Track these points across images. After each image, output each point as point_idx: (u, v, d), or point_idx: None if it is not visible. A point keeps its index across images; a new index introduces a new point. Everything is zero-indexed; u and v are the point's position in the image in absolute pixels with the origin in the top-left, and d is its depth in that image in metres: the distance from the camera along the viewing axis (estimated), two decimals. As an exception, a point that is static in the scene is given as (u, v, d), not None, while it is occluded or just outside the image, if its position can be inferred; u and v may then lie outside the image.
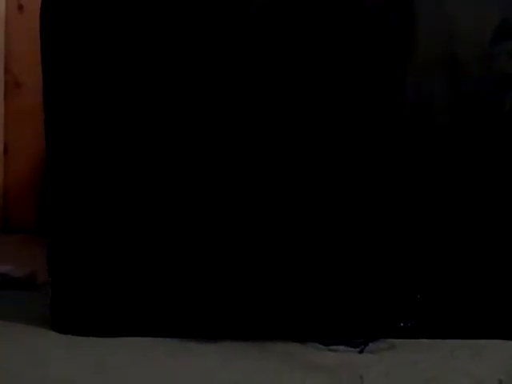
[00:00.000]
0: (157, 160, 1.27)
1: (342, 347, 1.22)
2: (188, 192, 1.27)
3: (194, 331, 1.26)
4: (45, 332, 1.29)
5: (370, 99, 1.27)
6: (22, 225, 2.77)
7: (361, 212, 1.27)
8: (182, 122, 1.27)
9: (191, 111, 1.27)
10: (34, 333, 1.29)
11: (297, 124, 1.26)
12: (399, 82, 1.27)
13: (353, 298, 1.26)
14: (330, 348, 1.22)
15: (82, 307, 1.29)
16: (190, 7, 1.26)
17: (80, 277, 1.29)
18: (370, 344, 1.22)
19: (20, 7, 2.77)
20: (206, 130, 1.26)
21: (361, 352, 1.21)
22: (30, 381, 1.08)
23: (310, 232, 1.26)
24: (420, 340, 1.27)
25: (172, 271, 1.27)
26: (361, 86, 1.26)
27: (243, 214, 1.26)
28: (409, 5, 1.27)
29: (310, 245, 1.26)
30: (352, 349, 1.21)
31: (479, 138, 1.30)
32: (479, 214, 1.29)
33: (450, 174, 1.29)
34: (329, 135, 1.26)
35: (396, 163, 1.27)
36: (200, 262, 1.27)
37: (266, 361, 1.17)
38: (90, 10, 1.27)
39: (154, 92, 1.26)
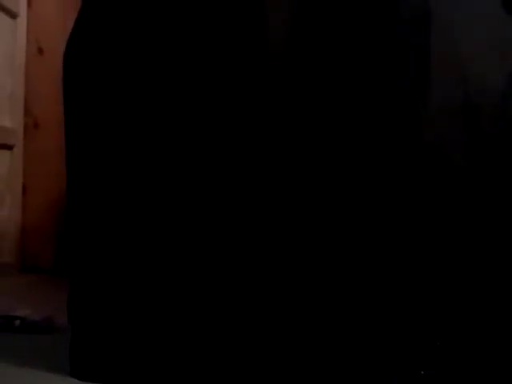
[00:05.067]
0: (182, 205, 1.27)
1: (362, 395, 1.21)
2: (212, 244, 1.27)
3: (210, 380, 1.26)
4: (63, 378, 1.28)
5: (386, 140, 1.27)
6: (39, 265, 2.78)
7: (381, 257, 1.27)
8: (205, 153, 1.27)
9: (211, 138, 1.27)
10: (53, 379, 1.29)
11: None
12: (416, 125, 1.28)
13: (373, 345, 1.25)
14: (349, 396, 1.21)
15: (102, 355, 1.28)
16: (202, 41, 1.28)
17: (100, 324, 1.29)
18: (391, 392, 1.21)
19: (40, 50, 2.82)
20: (222, 147, 1.27)
21: (381, 400, 1.20)
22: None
23: (328, 277, 1.26)
24: (440, 387, 1.26)
25: (192, 320, 1.27)
26: (378, 128, 1.27)
27: (260, 256, 1.26)
28: (425, 49, 1.29)
29: (328, 290, 1.26)
30: (372, 397, 1.20)
31: (493, 181, 1.30)
32: (500, 260, 1.29)
33: (466, 217, 1.29)
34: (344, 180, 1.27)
35: (415, 213, 1.28)
36: (215, 311, 1.26)
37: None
38: (112, 53, 1.29)
39: (175, 133, 1.27)
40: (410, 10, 1.28)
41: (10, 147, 2.76)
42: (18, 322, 1.66)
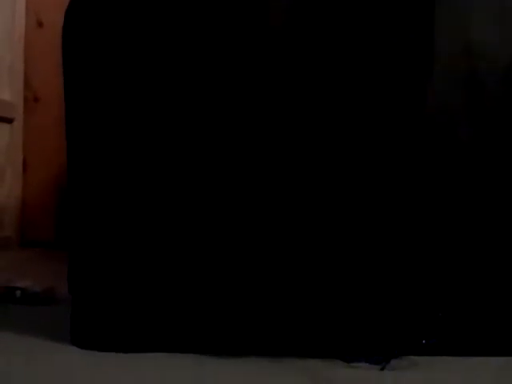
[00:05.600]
0: (180, 181, 1.27)
1: (363, 364, 1.21)
2: (212, 217, 1.26)
3: (212, 346, 1.26)
4: (65, 347, 1.29)
5: (391, 113, 1.27)
6: (39, 239, 2.78)
7: (383, 230, 1.26)
8: (207, 141, 1.27)
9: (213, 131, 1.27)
10: (54, 347, 1.29)
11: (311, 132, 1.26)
12: (419, 96, 1.27)
13: (374, 315, 1.26)
14: (351, 364, 1.21)
15: (102, 323, 1.28)
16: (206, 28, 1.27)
17: (100, 293, 1.29)
18: (392, 361, 1.21)
19: (39, 23, 2.80)
20: (227, 148, 1.27)
21: (382, 369, 1.20)
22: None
23: (333, 249, 1.26)
24: (441, 357, 1.26)
25: (193, 287, 1.27)
26: (383, 101, 1.26)
27: (264, 239, 1.26)
28: (429, 20, 1.27)
29: (332, 262, 1.26)
30: (373, 366, 1.20)
31: (496, 154, 1.29)
32: (503, 233, 1.29)
33: (471, 192, 1.29)
34: (350, 151, 1.26)
35: (419, 183, 1.27)
36: (218, 278, 1.27)
37: (286, 377, 1.16)
38: (111, 24, 1.27)
39: (179, 109, 1.26)
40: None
41: (10, 121, 2.75)
42: (18, 293, 1.67)
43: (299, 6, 1.25)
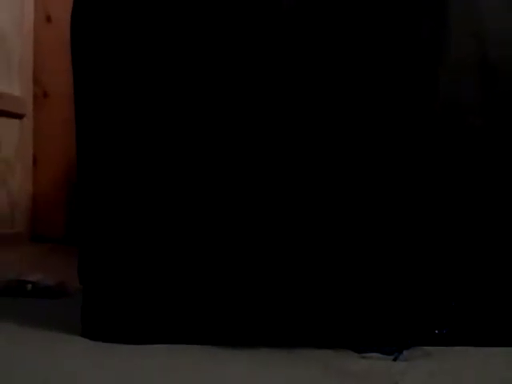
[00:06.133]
0: (188, 177, 1.26)
1: (375, 354, 1.20)
2: (218, 211, 1.26)
3: (222, 337, 1.25)
4: (75, 339, 1.29)
5: (402, 101, 1.26)
6: (50, 234, 2.79)
7: (395, 220, 1.25)
8: (212, 141, 1.26)
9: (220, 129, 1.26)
10: (64, 340, 1.29)
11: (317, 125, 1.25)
12: (432, 84, 1.26)
13: (386, 305, 1.25)
14: (363, 355, 1.21)
15: (113, 314, 1.28)
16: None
17: (110, 285, 1.28)
18: (404, 351, 1.20)
19: (48, 18, 2.80)
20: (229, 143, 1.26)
21: (395, 359, 1.19)
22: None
23: (343, 240, 1.25)
24: (454, 347, 1.25)
25: (204, 278, 1.26)
26: (393, 88, 1.26)
27: (280, 235, 1.25)
28: (441, 9, 1.26)
29: (344, 252, 1.25)
30: (386, 356, 1.20)
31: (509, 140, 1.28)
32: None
33: (484, 180, 1.28)
34: (362, 137, 1.26)
35: (431, 172, 1.26)
36: (228, 269, 1.26)
37: (298, 368, 1.15)
38: (120, 18, 1.27)
39: (189, 104, 1.26)
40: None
41: (20, 116, 2.76)
42: (30, 287, 1.67)
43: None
